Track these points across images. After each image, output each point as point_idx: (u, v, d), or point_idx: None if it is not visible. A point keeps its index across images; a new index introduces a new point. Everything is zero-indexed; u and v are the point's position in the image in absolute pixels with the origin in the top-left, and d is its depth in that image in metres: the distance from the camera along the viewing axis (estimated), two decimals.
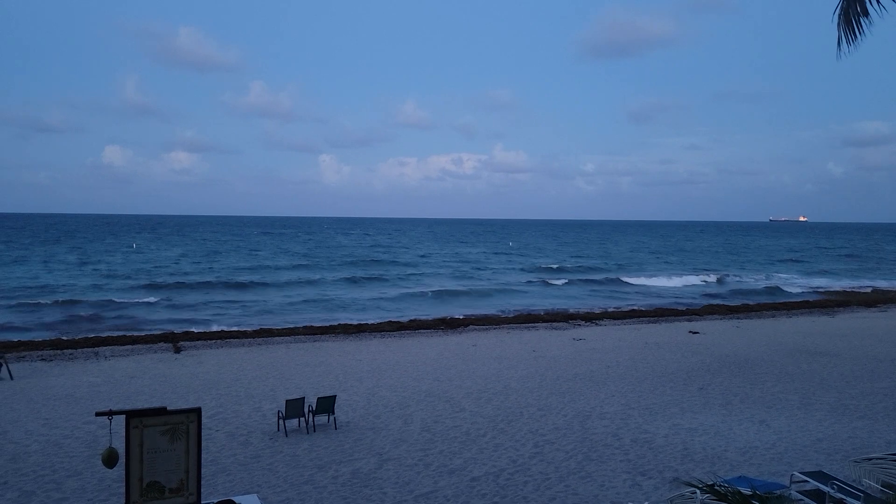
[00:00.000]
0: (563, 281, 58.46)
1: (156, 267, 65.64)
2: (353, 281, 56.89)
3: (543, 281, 58.27)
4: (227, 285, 50.89)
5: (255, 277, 56.91)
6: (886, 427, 14.68)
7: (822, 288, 54.77)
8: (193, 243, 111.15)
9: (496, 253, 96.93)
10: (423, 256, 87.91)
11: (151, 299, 43.15)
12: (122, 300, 42.20)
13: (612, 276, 63.77)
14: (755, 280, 62.32)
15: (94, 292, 45.90)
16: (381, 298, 45.85)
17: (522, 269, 70.71)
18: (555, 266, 73.33)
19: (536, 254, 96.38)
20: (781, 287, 54.90)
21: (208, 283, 52.65)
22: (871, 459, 10.72)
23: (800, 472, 10.40)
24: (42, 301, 40.71)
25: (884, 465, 10.23)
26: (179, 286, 50.22)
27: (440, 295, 47.63)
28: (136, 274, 58.20)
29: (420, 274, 63.54)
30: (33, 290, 46.12)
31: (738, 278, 63.38)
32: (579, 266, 74.95)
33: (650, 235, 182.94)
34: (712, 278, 61.60)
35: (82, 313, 36.56)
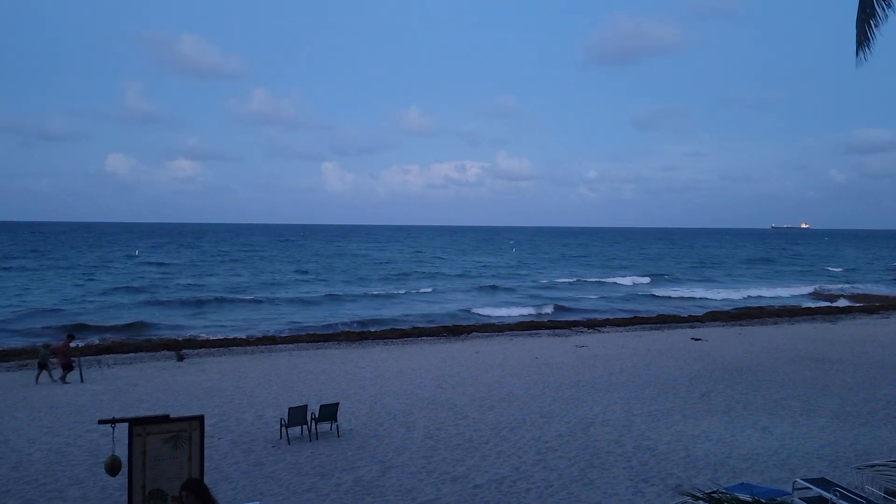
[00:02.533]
0: (631, 295, 53.10)
1: (158, 275, 65.79)
2: (407, 295, 51.81)
3: (582, 297, 52.18)
4: (234, 296, 49.90)
5: (269, 290, 55.04)
6: (889, 434, 14.64)
7: None
8: (197, 251, 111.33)
9: (524, 265, 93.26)
10: (458, 267, 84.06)
11: (155, 306, 43.22)
12: (124, 307, 42.25)
13: (692, 290, 57.15)
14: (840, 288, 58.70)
15: (96, 300, 45.98)
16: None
17: (581, 282, 64.70)
18: (630, 282, 65.68)
19: (578, 264, 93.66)
20: None
21: (212, 289, 52.59)
22: (873, 466, 10.73)
23: (802, 479, 10.37)
24: (44, 309, 40.79)
25: (886, 472, 10.23)
26: (182, 293, 50.22)
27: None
28: (138, 281, 58.32)
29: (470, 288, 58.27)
30: (35, 298, 46.21)
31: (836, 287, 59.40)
32: (647, 279, 68.43)
33: (662, 243, 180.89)
34: (809, 289, 57.92)
35: (84, 321, 36.60)
